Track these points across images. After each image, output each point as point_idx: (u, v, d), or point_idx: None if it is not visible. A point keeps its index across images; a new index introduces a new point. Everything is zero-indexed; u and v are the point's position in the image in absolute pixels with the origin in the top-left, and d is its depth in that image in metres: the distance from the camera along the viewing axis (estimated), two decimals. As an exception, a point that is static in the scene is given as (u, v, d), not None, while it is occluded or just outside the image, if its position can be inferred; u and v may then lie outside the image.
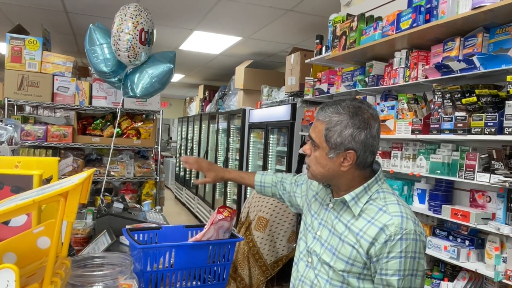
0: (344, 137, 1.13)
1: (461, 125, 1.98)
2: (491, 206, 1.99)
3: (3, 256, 0.83)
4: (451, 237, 2.14)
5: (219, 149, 6.43)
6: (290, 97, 4.23)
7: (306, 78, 3.59)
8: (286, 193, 1.57)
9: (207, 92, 7.60)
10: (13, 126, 2.25)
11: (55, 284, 0.79)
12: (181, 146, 9.18)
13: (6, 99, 3.15)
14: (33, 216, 1.00)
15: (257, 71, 5.63)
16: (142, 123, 3.61)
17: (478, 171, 1.94)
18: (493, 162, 1.86)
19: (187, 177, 8.03)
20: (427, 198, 2.30)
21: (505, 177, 1.79)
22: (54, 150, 3.34)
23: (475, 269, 1.93)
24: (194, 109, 8.60)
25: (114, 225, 1.96)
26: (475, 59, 1.92)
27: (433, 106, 2.25)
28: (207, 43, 5.41)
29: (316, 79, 3.44)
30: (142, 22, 2.70)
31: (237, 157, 5.55)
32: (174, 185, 9.41)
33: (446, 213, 2.09)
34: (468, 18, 1.91)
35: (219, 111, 6.41)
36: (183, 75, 8.36)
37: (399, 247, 1.08)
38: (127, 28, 2.65)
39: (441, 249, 2.12)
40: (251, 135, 5.17)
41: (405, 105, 2.40)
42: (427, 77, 2.24)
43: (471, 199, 2.10)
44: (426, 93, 2.42)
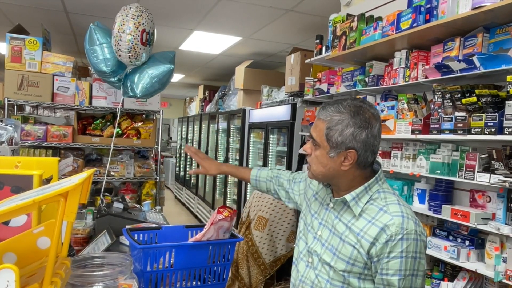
0: (345, 136, 1.13)
1: (461, 125, 1.98)
2: (491, 206, 1.98)
3: (3, 256, 0.83)
4: (451, 237, 2.14)
5: (219, 149, 6.43)
6: (290, 97, 4.23)
7: (306, 78, 3.59)
8: (282, 189, 1.57)
9: (207, 92, 7.60)
10: (13, 126, 2.25)
11: (55, 284, 0.79)
12: (181, 146, 9.18)
13: (6, 99, 3.15)
14: (33, 216, 1.00)
15: (257, 71, 5.63)
16: (142, 123, 3.61)
17: (478, 171, 1.94)
18: (493, 162, 1.86)
19: (187, 177, 8.03)
20: (427, 198, 2.29)
21: (505, 177, 1.79)
22: (54, 150, 3.34)
23: (475, 269, 1.93)
24: (194, 109, 8.60)
25: (114, 225, 1.96)
26: (475, 59, 1.92)
27: (433, 106, 2.25)
28: (207, 43, 5.41)
29: (316, 79, 3.43)
30: (143, 23, 2.70)
31: (237, 157, 5.55)
32: (174, 185, 9.41)
33: (446, 213, 2.09)
34: (468, 18, 1.91)
35: (219, 111, 6.40)
36: (183, 75, 8.35)
37: (400, 247, 1.08)
38: (129, 28, 2.65)
39: (441, 249, 2.12)
40: (251, 135, 5.17)
41: (405, 105, 2.40)
42: (427, 77, 2.24)
43: (471, 199, 2.10)
44: (426, 93, 2.42)
